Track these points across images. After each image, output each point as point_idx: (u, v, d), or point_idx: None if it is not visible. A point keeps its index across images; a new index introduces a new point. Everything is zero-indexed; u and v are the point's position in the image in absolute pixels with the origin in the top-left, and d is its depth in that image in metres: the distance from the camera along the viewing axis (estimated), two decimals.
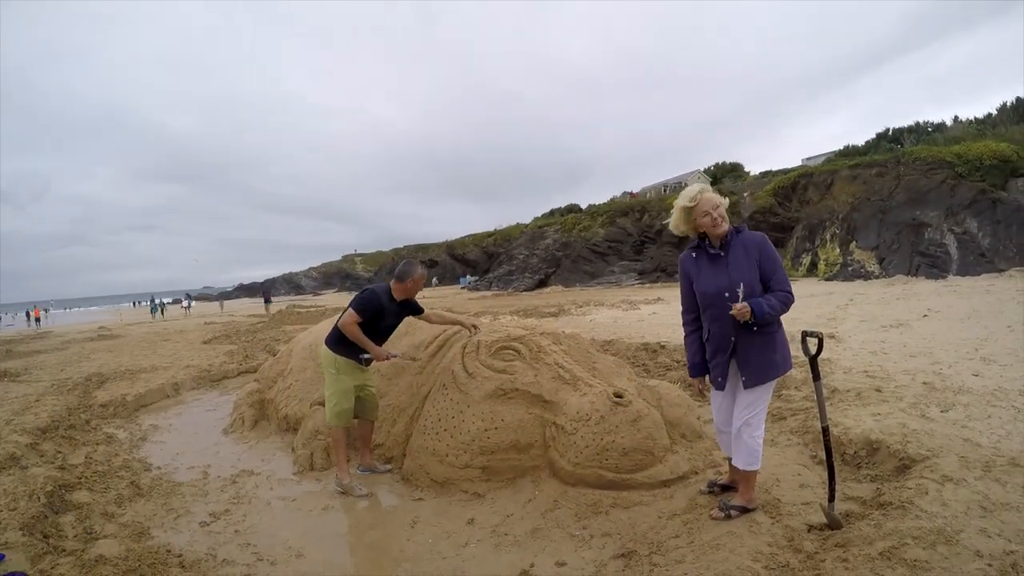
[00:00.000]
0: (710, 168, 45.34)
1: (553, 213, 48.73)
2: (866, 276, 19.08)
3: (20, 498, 3.37)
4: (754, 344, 2.67)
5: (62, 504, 3.52)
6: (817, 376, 2.71)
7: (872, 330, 8.09)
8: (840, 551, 2.34)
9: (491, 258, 45.75)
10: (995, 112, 26.77)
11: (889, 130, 31.28)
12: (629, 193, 46.79)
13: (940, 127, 29.00)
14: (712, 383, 2.87)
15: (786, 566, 2.33)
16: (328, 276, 67.76)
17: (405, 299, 3.89)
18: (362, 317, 3.68)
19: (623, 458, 3.23)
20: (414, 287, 3.86)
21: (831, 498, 2.64)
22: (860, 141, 31.71)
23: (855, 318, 9.62)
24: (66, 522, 3.26)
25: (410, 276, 3.83)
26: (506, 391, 3.67)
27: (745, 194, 26.89)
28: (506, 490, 3.43)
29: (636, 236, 31.81)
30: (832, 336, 7.44)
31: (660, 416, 3.57)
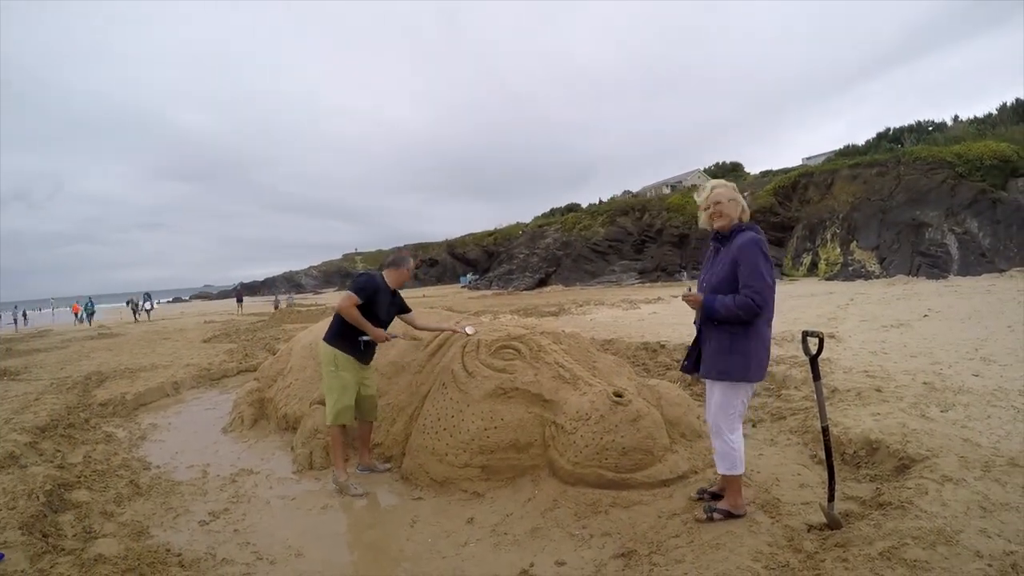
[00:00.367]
0: (710, 168, 45.34)
1: (553, 212, 48.71)
2: (866, 276, 19.08)
3: (19, 497, 3.37)
4: (711, 338, 2.77)
5: (61, 503, 3.52)
6: (817, 376, 2.71)
7: (872, 330, 8.08)
8: (840, 551, 2.34)
9: (491, 257, 45.75)
10: (995, 112, 26.75)
11: (889, 130, 31.24)
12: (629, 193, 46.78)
13: (940, 127, 28.97)
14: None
15: (786, 566, 2.33)
16: (328, 275, 67.81)
17: (396, 289, 4.01)
18: (360, 297, 3.72)
19: (623, 457, 3.22)
20: (406, 274, 4.01)
21: (831, 498, 2.63)
22: (860, 141, 31.71)
23: (855, 318, 9.62)
24: (65, 521, 3.26)
25: (404, 263, 4.00)
26: (506, 390, 3.66)
27: (745, 194, 26.81)
28: (506, 489, 3.43)
29: (636, 235, 31.80)
30: (832, 336, 7.44)
31: (660, 415, 3.57)
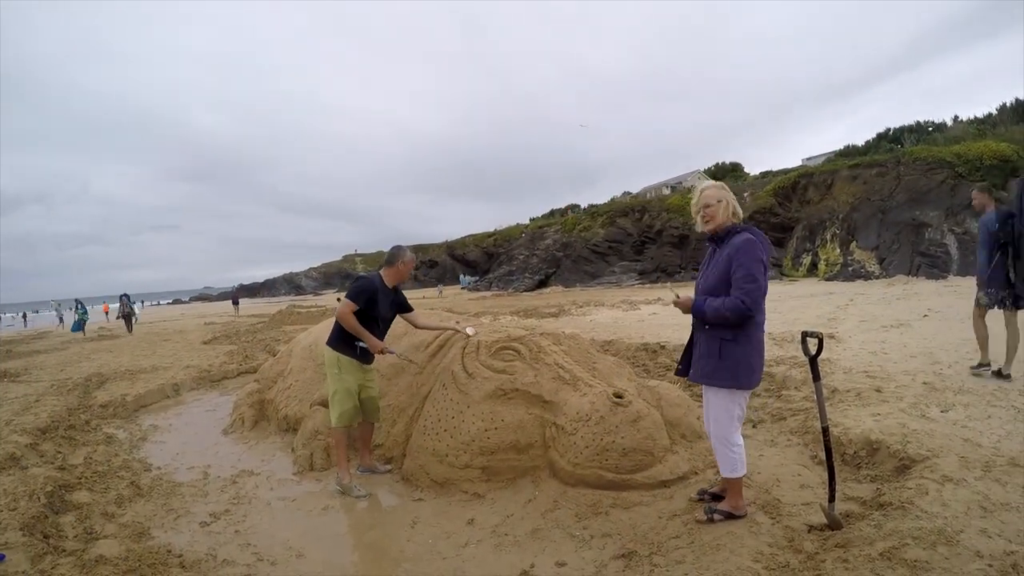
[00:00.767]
0: (710, 168, 45.38)
1: (553, 213, 48.70)
2: (866, 276, 19.08)
3: (20, 498, 3.38)
4: (700, 341, 2.78)
5: (62, 504, 3.52)
6: (817, 376, 2.72)
7: (872, 330, 8.08)
8: (840, 551, 2.34)
9: (491, 258, 45.74)
10: (995, 112, 26.76)
11: (889, 130, 31.25)
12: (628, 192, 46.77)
13: (940, 127, 28.98)
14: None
15: (786, 566, 2.33)
16: (328, 276, 67.79)
17: (396, 286, 3.95)
18: (357, 303, 3.69)
19: (623, 458, 3.23)
20: (404, 270, 3.92)
21: (831, 498, 2.64)
22: (860, 141, 31.70)
23: (855, 318, 9.62)
24: (66, 522, 3.26)
25: (400, 259, 3.89)
26: (506, 391, 3.67)
27: (745, 194, 26.87)
28: (506, 490, 3.43)
29: (636, 236, 31.80)
30: (832, 336, 7.43)
31: (660, 416, 3.57)
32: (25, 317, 29.45)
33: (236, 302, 32.90)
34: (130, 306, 18.87)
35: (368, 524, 3.28)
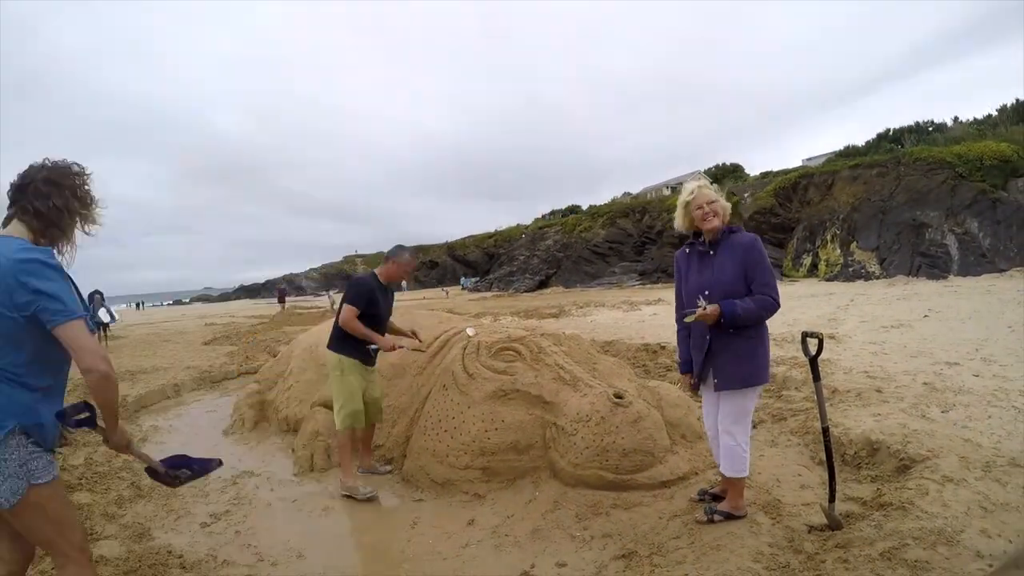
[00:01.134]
0: (710, 169, 45.36)
1: (554, 214, 48.73)
2: (867, 276, 19.06)
3: None
4: (728, 347, 2.65)
5: None
6: (817, 377, 2.72)
7: (872, 330, 8.08)
8: (841, 552, 2.34)
9: (491, 259, 45.76)
10: (995, 113, 26.76)
11: (889, 130, 31.21)
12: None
13: (940, 127, 28.96)
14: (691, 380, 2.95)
15: (786, 567, 2.33)
16: (329, 277, 67.76)
17: (391, 284, 3.93)
18: (359, 307, 3.68)
19: (623, 459, 3.23)
20: (397, 270, 3.88)
21: (831, 498, 2.64)
22: (860, 142, 31.69)
23: (855, 319, 9.62)
24: None
25: (395, 258, 3.86)
26: (506, 392, 3.67)
27: (746, 195, 26.88)
28: (506, 491, 3.43)
29: (637, 237, 31.81)
30: (832, 337, 7.43)
31: (660, 417, 3.57)
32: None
33: (283, 300, 31.06)
34: (106, 308, 12.75)
35: (368, 525, 3.29)
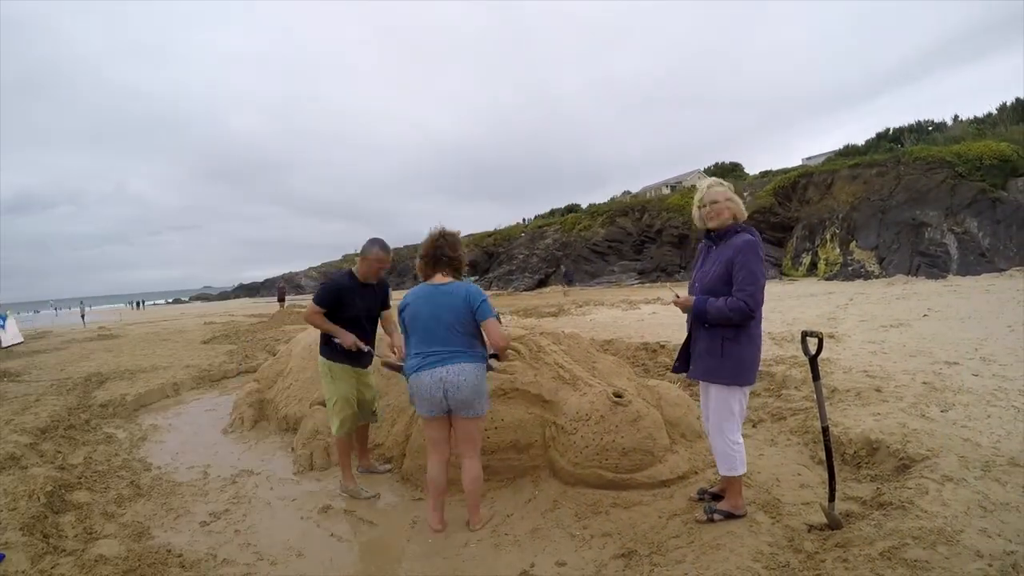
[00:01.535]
0: (710, 168, 45.33)
1: (553, 213, 48.69)
2: (866, 276, 19.08)
3: (20, 498, 3.38)
4: (701, 339, 2.78)
5: (62, 504, 3.52)
6: (817, 376, 2.71)
7: (872, 330, 8.08)
8: (840, 551, 2.34)
9: (491, 258, 45.77)
10: (995, 112, 26.75)
11: (889, 130, 31.20)
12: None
13: (940, 127, 28.96)
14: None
15: (786, 566, 2.33)
16: (328, 276, 67.75)
17: (368, 281, 3.68)
18: (323, 305, 3.57)
19: (623, 458, 3.23)
20: (366, 266, 3.63)
21: (831, 498, 2.64)
22: (860, 141, 31.68)
23: (855, 318, 9.62)
24: (66, 522, 3.26)
25: (366, 252, 3.62)
26: (506, 391, 3.66)
27: (745, 194, 26.89)
28: (506, 490, 3.43)
29: (636, 236, 31.81)
30: (832, 336, 7.44)
31: (660, 416, 3.57)
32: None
33: (282, 298, 30.41)
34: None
35: (368, 524, 3.28)
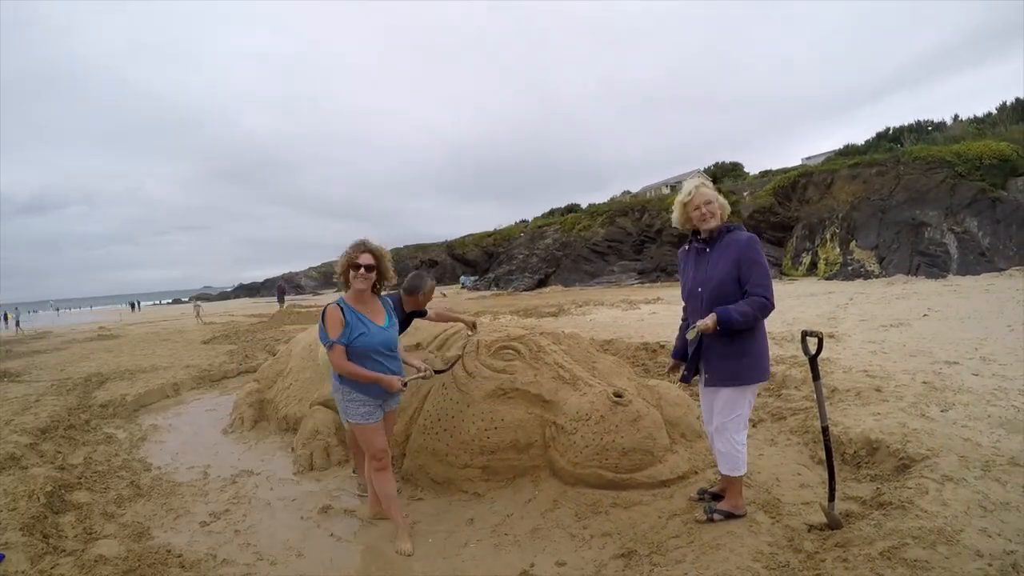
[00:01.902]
0: (710, 167, 45.31)
1: (553, 213, 48.68)
2: (866, 275, 19.07)
3: (20, 498, 3.38)
4: (716, 343, 2.67)
5: (62, 504, 3.52)
6: (817, 376, 2.71)
7: (872, 329, 8.08)
8: (840, 551, 2.34)
9: (491, 258, 45.76)
10: (995, 112, 26.75)
11: (889, 129, 31.20)
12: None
13: (940, 127, 28.95)
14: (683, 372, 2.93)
15: (786, 566, 2.33)
16: (328, 276, 67.76)
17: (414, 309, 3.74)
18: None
19: (623, 458, 3.23)
20: (425, 301, 3.72)
21: (831, 498, 2.64)
22: (860, 140, 31.67)
23: (855, 317, 9.62)
24: (66, 522, 3.26)
25: (421, 290, 3.65)
26: (506, 391, 3.66)
27: (745, 193, 26.87)
28: (506, 490, 3.43)
29: (636, 236, 31.80)
30: (832, 335, 7.43)
31: (660, 416, 3.57)
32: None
33: (282, 298, 29.94)
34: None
35: (368, 524, 3.28)
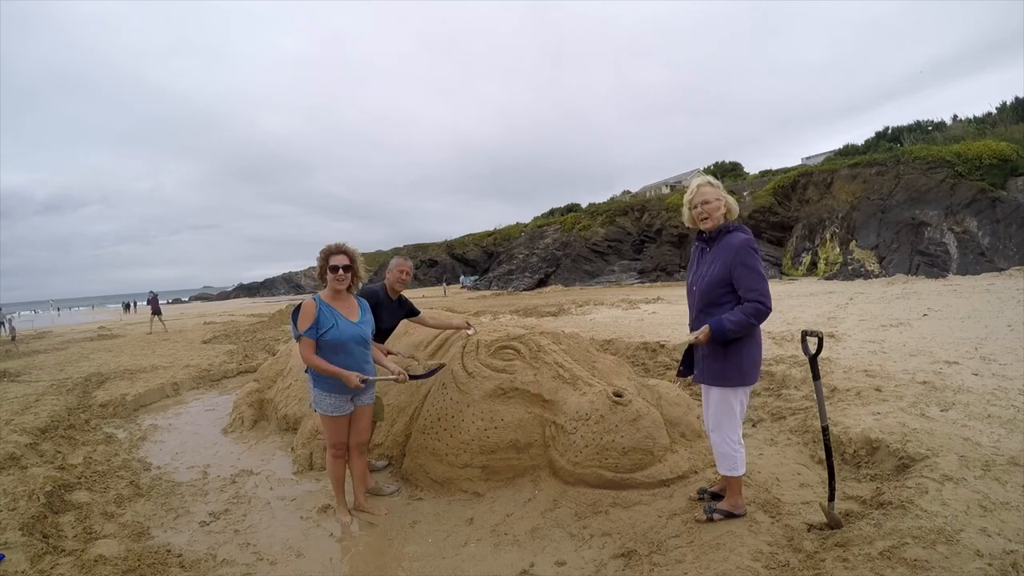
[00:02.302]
0: (710, 167, 45.32)
1: (553, 212, 48.68)
2: (866, 275, 19.08)
3: (20, 498, 3.38)
4: (710, 344, 2.69)
5: (62, 504, 3.52)
6: (817, 375, 2.71)
7: (872, 329, 8.09)
8: (840, 550, 2.34)
9: (491, 257, 45.77)
10: (995, 111, 26.74)
11: (889, 129, 31.21)
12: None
13: (940, 126, 28.95)
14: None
15: (786, 565, 2.33)
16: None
17: (399, 296, 3.94)
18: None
19: (623, 457, 3.22)
20: (393, 278, 3.85)
21: (831, 497, 2.64)
22: (860, 140, 31.67)
23: (855, 317, 9.62)
24: (66, 522, 3.26)
25: (387, 267, 3.90)
26: (506, 390, 3.66)
27: (745, 193, 26.88)
28: (506, 489, 3.43)
29: (636, 235, 31.82)
30: (832, 335, 7.44)
31: (660, 415, 3.57)
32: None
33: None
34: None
35: (367, 523, 3.28)
